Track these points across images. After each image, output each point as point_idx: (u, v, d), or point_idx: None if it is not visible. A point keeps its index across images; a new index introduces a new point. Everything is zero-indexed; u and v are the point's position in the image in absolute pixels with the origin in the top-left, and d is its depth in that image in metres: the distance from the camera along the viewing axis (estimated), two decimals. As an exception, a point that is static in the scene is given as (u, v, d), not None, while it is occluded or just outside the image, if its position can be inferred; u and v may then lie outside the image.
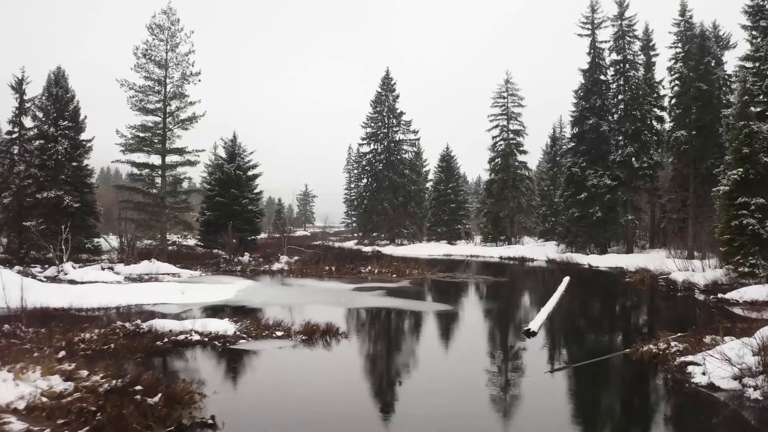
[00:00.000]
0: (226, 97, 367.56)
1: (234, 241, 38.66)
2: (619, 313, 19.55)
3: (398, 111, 61.75)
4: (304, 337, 13.24)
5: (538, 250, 45.71)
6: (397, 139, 62.36)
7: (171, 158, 34.17)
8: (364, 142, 62.84)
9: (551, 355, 12.32)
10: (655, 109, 46.57)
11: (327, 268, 30.12)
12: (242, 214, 38.00)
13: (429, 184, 70.25)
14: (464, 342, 13.88)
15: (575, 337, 14.77)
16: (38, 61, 35.32)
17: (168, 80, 33.77)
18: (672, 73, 39.90)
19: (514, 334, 14.49)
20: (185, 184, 39.12)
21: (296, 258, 36.85)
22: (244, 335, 13.44)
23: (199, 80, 34.04)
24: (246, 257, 35.61)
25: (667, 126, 44.48)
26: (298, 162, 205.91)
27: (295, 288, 23.39)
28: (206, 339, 13.09)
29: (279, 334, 13.53)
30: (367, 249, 55.67)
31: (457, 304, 19.72)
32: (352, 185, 68.87)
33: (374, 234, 62.46)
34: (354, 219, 68.63)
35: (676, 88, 39.59)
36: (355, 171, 68.20)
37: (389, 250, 54.93)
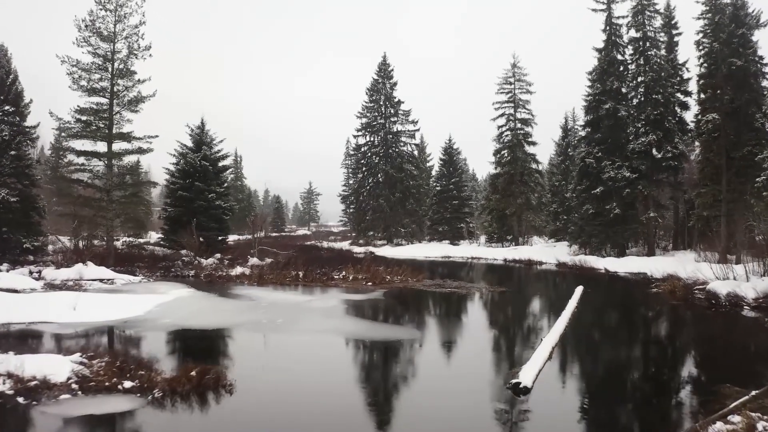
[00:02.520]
0: (229, 95, 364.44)
1: (201, 240, 34.16)
2: (652, 343, 14.05)
3: (396, 99, 56.90)
4: (160, 394, 8.51)
5: (547, 252, 40.63)
6: (395, 130, 57.45)
7: (120, 146, 29.62)
8: (360, 133, 58.06)
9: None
10: (679, 94, 41.45)
11: (294, 273, 25.43)
12: (208, 211, 33.34)
13: (432, 180, 65.44)
14: (414, 407, 8.82)
15: (592, 393, 9.53)
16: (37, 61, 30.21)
17: (116, 55, 29.23)
18: (700, 48, 34.72)
19: (497, 391, 9.22)
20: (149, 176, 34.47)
21: (269, 260, 32.23)
22: (76, 385, 8.77)
23: (150, 55, 29.48)
24: (211, 260, 31.06)
25: (693, 112, 39.52)
26: (303, 160, 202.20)
27: (236, 300, 18.70)
28: (12, 391, 8.49)
29: (128, 385, 8.81)
30: (360, 250, 50.95)
31: (429, 330, 14.54)
32: (351, 181, 64.08)
33: (370, 233, 57.63)
34: (350, 217, 63.71)
35: (704, 66, 34.44)
36: (353, 166, 63.30)
37: (384, 251, 50.19)
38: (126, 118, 29.60)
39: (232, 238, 53.78)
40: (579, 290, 20.14)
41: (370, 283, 22.99)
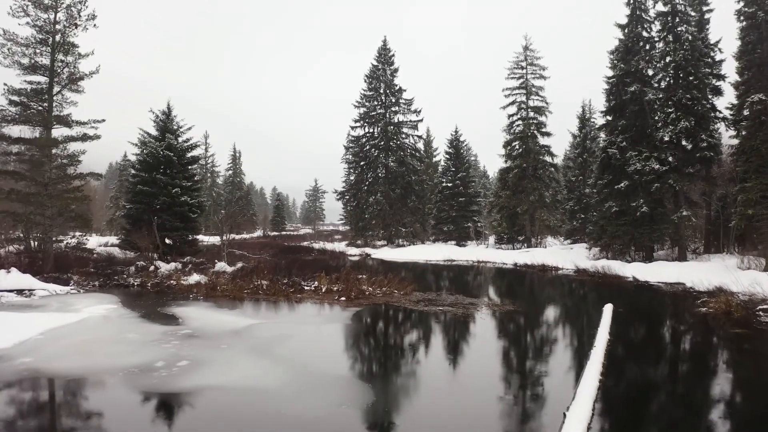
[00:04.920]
0: (230, 90, 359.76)
1: (168, 242, 29.97)
2: (737, 412, 8.68)
3: (397, 87, 52.25)
4: None
5: (564, 255, 35.85)
6: (396, 120, 52.77)
7: (62, 132, 25.42)
8: (357, 124, 53.40)
9: None
10: (710, 78, 36.53)
11: (258, 282, 21.01)
12: (172, 207, 28.97)
13: (437, 176, 60.71)
14: None
15: None
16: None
17: (57, 27, 24.99)
18: (741, 18, 29.92)
19: None
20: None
21: (241, 265, 27.83)
22: None
23: (95, 25, 25.18)
24: (172, 264, 26.70)
25: (726, 99, 34.83)
26: (313, 158, 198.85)
27: (156, 324, 14.28)
28: None
29: None
30: (356, 251, 46.51)
31: (392, 390, 9.20)
32: (351, 177, 59.48)
33: (369, 233, 53.03)
34: (347, 215, 58.97)
35: (747, 39, 29.60)
36: (352, 160, 58.37)
37: (382, 252, 45.73)
38: (69, 99, 25.39)
39: (217, 239, 49.44)
40: (608, 310, 15.54)
41: (343, 298, 18.48)
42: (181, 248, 29.67)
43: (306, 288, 20.67)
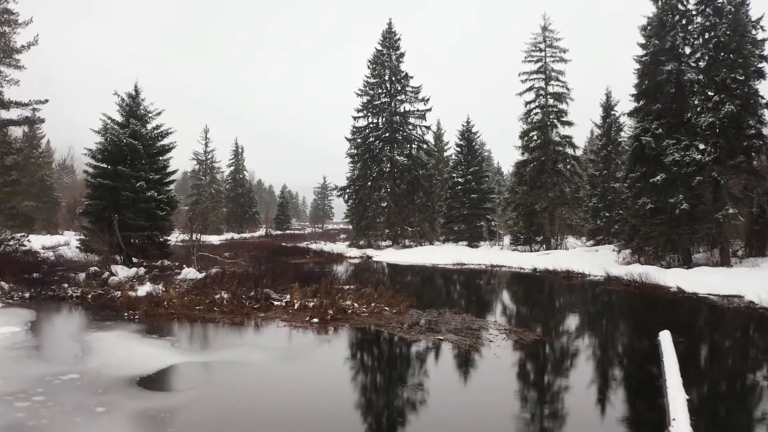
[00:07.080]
0: (244, 89, 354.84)
1: (135, 241, 26.19)
2: None
3: (404, 73, 47.97)
4: None
5: (589, 259, 31.45)
6: (403, 110, 48.54)
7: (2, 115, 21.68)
8: (360, 114, 49.22)
9: None
10: (753, 58, 31.86)
11: (217, 296, 17.06)
12: (136, 204, 25.11)
13: (447, 170, 56.39)
14: None
15: None
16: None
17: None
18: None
19: None
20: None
21: (215, 270, 23.94)
22: None
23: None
24: (134, 270, 22.86)
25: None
26: (324, 156, 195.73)
27: (39, 362, 10.42)
28: None
29: None
30: (357, 253, 42.45)
31: None
32: (357, 172, 55.32)
33: (372, 233, 48.85)
34: (348, 214, 54.85)
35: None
36: (356, 153, 53.87)
37: (386, 254, 41.65)
38: (8, 77, 21.63)
39: (217, 239, 45.27)
40: (667, 343, 11.30)
41: (315, 320, 14.41)
42: (147, 250, 25.81)
43: (276, 303, 16.70)
